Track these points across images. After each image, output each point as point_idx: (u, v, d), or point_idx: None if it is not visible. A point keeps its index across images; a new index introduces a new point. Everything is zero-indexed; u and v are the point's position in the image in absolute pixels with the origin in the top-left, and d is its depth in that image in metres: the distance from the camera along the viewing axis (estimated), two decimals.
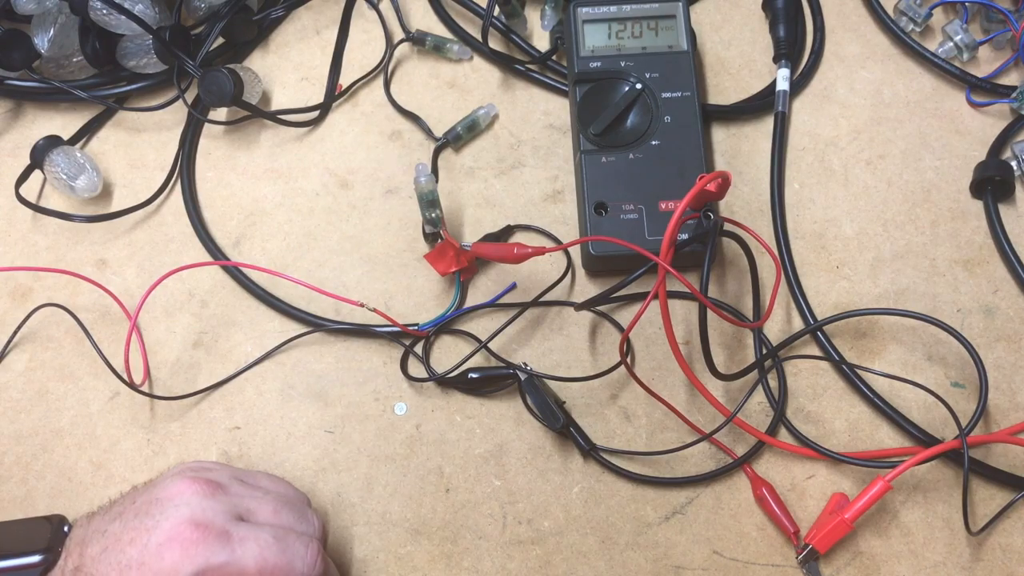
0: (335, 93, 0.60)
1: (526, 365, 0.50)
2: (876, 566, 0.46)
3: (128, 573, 0.37)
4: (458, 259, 0.51)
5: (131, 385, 0.49)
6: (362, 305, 0.50)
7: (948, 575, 0.45)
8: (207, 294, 0.54)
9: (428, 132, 0.57)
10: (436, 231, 0.52)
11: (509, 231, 0.54)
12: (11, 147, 0.59)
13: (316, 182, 0.57)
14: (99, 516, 0.40)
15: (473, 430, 0.49)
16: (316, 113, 0.59)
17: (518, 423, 0.49)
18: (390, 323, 0.50)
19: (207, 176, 0.58)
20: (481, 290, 0.53)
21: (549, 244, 0.54)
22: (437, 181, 0.55)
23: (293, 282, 0.51)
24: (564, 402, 0.50)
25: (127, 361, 0.49)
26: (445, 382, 0.50)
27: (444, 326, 0.52)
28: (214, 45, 0.58)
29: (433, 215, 0.51)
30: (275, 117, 0.58)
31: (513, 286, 0.53)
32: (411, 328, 0.51)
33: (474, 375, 0.49)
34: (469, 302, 0.53)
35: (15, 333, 0.52)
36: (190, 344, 0.52)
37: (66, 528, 0.42)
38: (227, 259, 0.54)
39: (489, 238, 0.54)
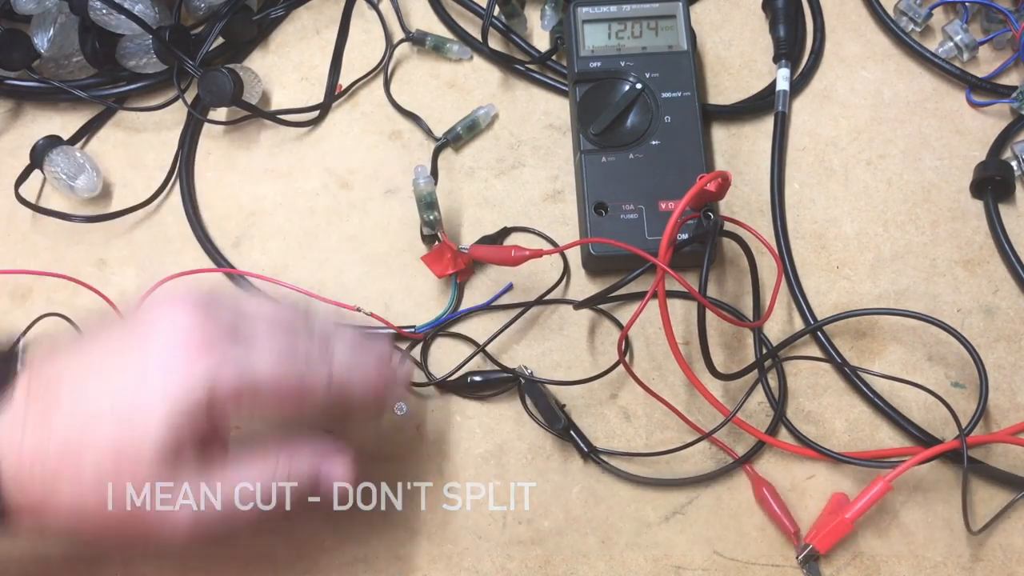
0: (335, 93, 0.60)
1: (526, 368, 0.50)
2: (876, 566, 0.46)
3: (126, 393, 0.34)
4: (455, 261, 0.51)
5: None
6: (358, 309, 0.50)
7: (948, 575, 0.45)
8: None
9: (428, 132, 0.57)
10: (434, 233, 0.52)
11: (505, 233, 0.54)
12: (11, 147, 0.59)
13: (316, 182, 0.57)
14: (65, 350, 0.37)
15: (473, 430, 0.49)
16: (316, 113, 0.59)
17: (518, 423, 0.49)
18: (386, 326, 0.50)
19: (207, 176, 0.58)
20: (479, 291, 0.53)
21: (546, 246, 0.54)
22: (436, 182, 0.55)
23: (288, 288, 0.51)
24: (564, 405, 0.49)
25: None
26: (445, 386, 0.50)
27: (442, 328, 0.52)
28: (214, 45, 0.58)
29: (431, 217, 0.51)
30: (275, 117, 0.58)
31: (510, 287, 0.53)
32: (407, 331, 0.51)
33: (475, 379, 0.49)
34: (467, 303, 0.53)
35: (16, 342, 0.52)
36: None
37: (18, 364, 0.37)
38: (225, 259, 0.54)
39: (486, 240, 0.54)
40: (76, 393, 0.35)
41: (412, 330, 0.51)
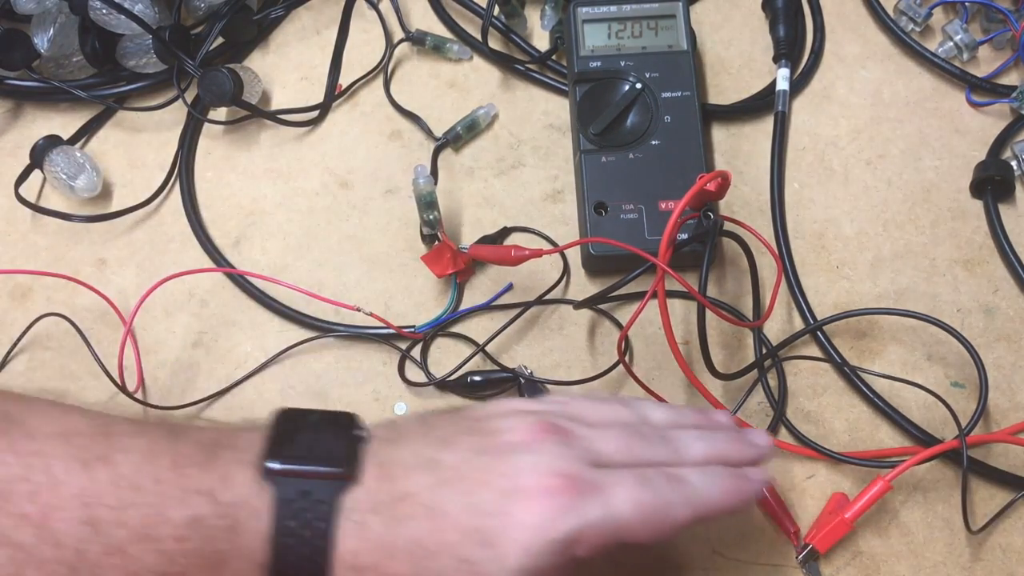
0: (335, 93, 0.60)
1: (526, 368, 0.50)
2: (876, 566, 0.46)
3: (485, 520, 0.32)
4: (455, 261, 0.51)
5: (127, 393, 0.49)
6: (358, 309, 0.50)
7: (948, 575, 0.45)
8: (207, 294, 0.53)
9: (428, 132, 0.57)
10: (434, 232, 0.52)
11: (505, 233, 0.54)
12: (11, 147, 0.59)
13: (316, 182, 0.57)
14: (412, 437, 0.34)
15: None
16: (316, 113, 0.59)
17: None
18: (386, 326, 0.50)
19: (206, 176, 0.58)
20: (479, 291, 0.53)
21: (546, 246, 0.54)
22: (436, 182, 0.55)
23: (289, 287, 0.51)
24: None
25: (121, 368, 0.49)
26: (444, 386, 0.50)
27: (442, 328, 0.52)
28: (214, 45, 0.58)
29: (431, 217, 0.51)
30: (275, 117, 0.58)
31: (509, 287, 0.53)
32: (407, 331, 0.51)
33: (475, 379, 0.49)
34: (467, 303, 0.53)
35: (16, 342, 0.52)
36: (190, 344, 0.52)
37: (363, 433, 0.34)
38: (225, 259, 0.54)
39: (486, 240, 0.54)
40: (431, 491, 0.33)
41: (412, 330, 0.51)
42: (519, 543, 0.32)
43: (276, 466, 0.32)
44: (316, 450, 0.33)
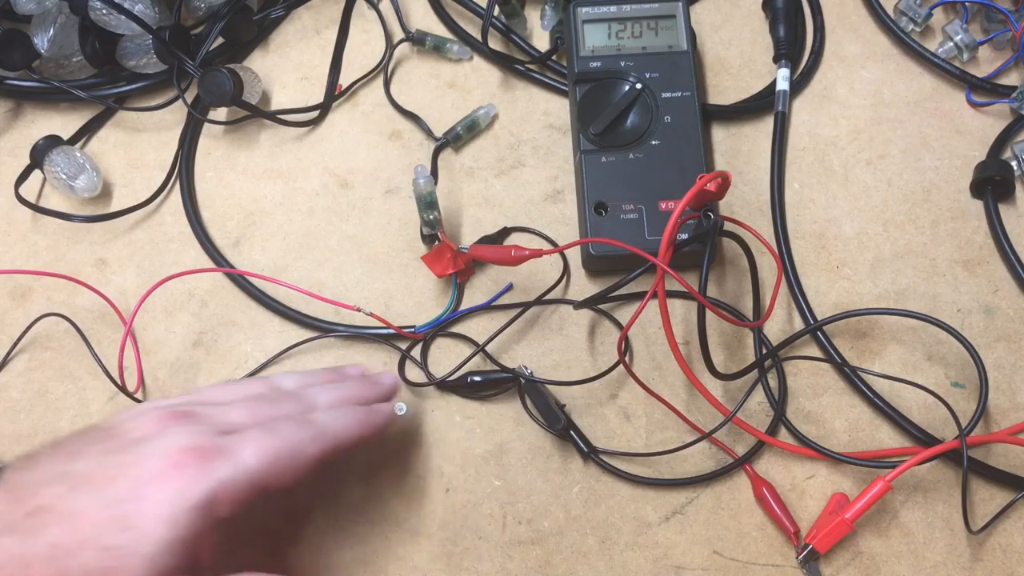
0: (335, 93, 0.60)
1: (526, 368, 0.50)
2: (876, 566, 0.46)
3: (119, 508, 0.34)
4: (455, 261, 0.51)
5: (127, 393, 0.49)
6: (358, 310, 0.50)
7: (948, 575, 0.45)
8: (207, 294, 0.54)
9: (428, 132, 0.57)
10: (434, 232, 0.52)
11: (505, 233, 0.54)
12: (11, 147, 0.59)
13: (316, 182, 0.57)
14: (44, 458, 0.36)
15: (473, 430, 0.49)
16: (316, 113, 0.59)
17: (518, 423, 0.49)
18: (386, 326, 0.50)
19: (207, 176, 0.58)
20: (479, 291, 0.53)
21: (546, 246, 0.54)
22: (436, 182, 0.55)
23: (289, 288, 0.51)
24: (564, 405, 0.49)
25: (120, 368, 0.49)
26: (444, 386, 0.50)
27: (442, 328, 0.52)
28: (214, 45, 0.58)
29: (431, 217, 0.51)
30: (275, 117, 0.58)
31: (510, 287, 0.53)
32: (407, 331, 0.51)
33: (475, 379, 0.49)
34: (467, 303, 0.53)
35: (17, 342, 0.52)
36: (190, 344, 0.52)
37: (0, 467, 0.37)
38: (225, 259, 0.54)
39: (485, 240, 0.54)
40: (63, 498, 0.34)
41: (412, 330, 0.51)
42: (157, 517, 0.34)
43: None
44: None
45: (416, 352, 0.51)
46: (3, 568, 0.33)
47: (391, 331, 0.50)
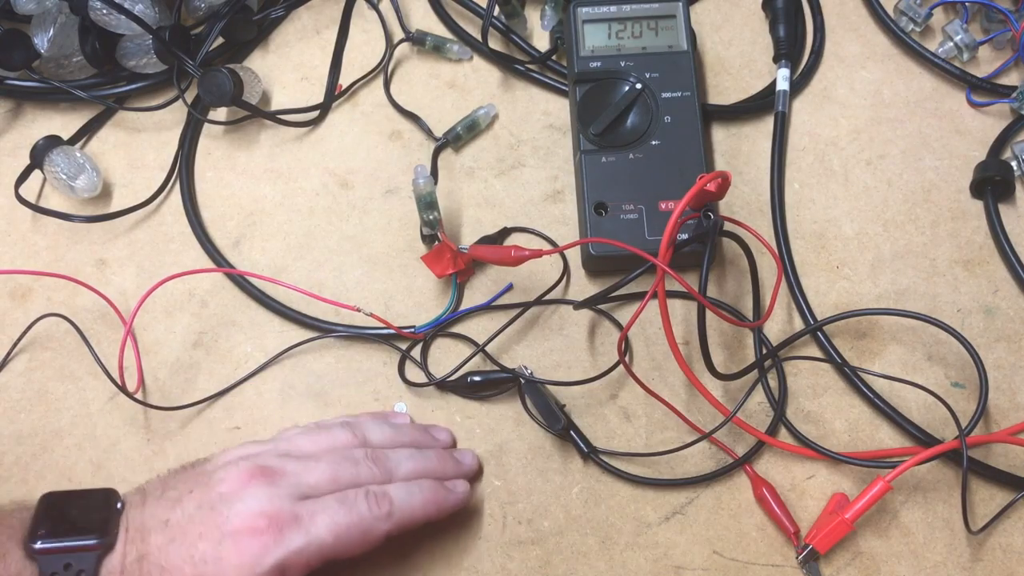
0: (335, 93, 0.60)
1: (526, 368, 0.50)
2: (876, 566, 0.46)
3: (203, 568, 0.37)
4: (455, 261, 0.51)
5: (127, 393, 0.49)
6: (358, 310, 0.50)
7: (948, 575, 0.45)
8: (207, 294, 0.54)
9: (428, 132, 0.57)
10: (434, 233, 0.52)
11: (505, 233, 0.54)
12: (11, 147, 0.59)
13: (316, 182, 0.57)
14: (153, 500, 0.40)
15: (473, 430, 0.49)
16: (316, 113, 0.59)
17: (518, 423, 0.49)
18: (385, 326, 0.50)
19: (207, 176, 0.58)
20: (479, 291, 0.53)
21: (545, 246, 0.54)
22: (436, 182, 0.55)
23: (289, 288, 0.51)
24: (564, 405, 0.49)
25: (121, 368, 0.49)
26: (444, 386, 0.50)
27: (442, 328, 0.52)
28: (214, 45, 0.58)
29: (431, 217, 0.51)
30: (275, 117, 0.58)
31: (509, 287, 0.53)
32: (407, 331, 0.51)
33: (475, 379, 0.49)
34: (467, 303, 0.53)
35: (17, 342, 0.52)
36: (190, 344, 0.52)
37: (119, 505, 0.40)
38: (225, 259, 0.54)
39: (485, 240, 0.54)
40: (163, 550, 0.38)
41: (412, 330, 0.51)
42: None
43: (38, 545, 0.37)
44: (76, 526, 0.38)
45: (416, 352, 0.51)
46: None
47: (391, 331, 0.50)
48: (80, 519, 0.39)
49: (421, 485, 0.43)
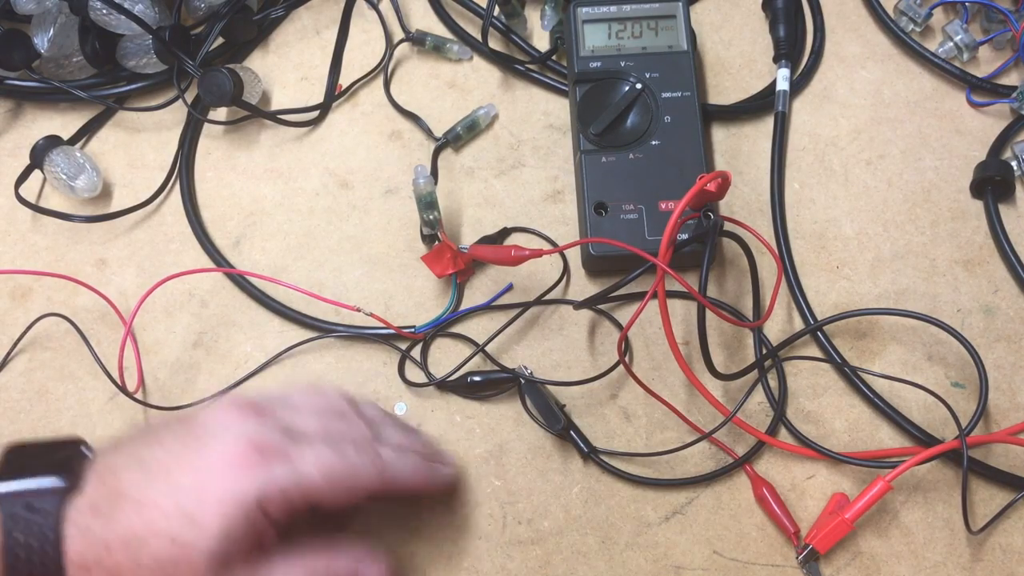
0: (335, 93, 0.60)
1: (526, 368, 0.50)
2: (876, 566, 0.46)
3: (183, 499, 0.36)
4: (455, 261, 0.51)
5: (127, 393, 0.49)
6: (358, 310, 0.50)
7: (948, 575, 0.45)
8: (207, 294, 0.54)
9: (428, 132, 0.57)
10: (434, 232, 0.52)
11: (505, 233, 0.54)
12: (11, 147, 0.59)
13: (316, 182, 0.57)
14: (128, 444, 0.38)
15: (473, 430, 0.49)
16: (316, 113, 0.59)
17: (518, 423, 0.49)
18: (385, 326, 0.50)
19: (207, 176, 0.58)
20: (479, 291, 0.53)
21: (546, 246, 0.54)
22: (436, 182, 0.55)
23: (289, 288, 0.51)
24: (564, 405, 0.49)
25: (121, 368, 0.49)
26: (444, 386, 0.50)
27: (442, 328, 0.52)
28: (214, 45, 0.58)
29: (431, 217, 0.51)
30: (275, 117, 0.58)
31: (510, 287, 0.53)
32: (407, 331, 0.51)
33: (475, 379, 0.49)
34: (467, 303, 0.53)
35: (17, 342, 0.52)
36: (190, 344, 0.52)
37: (88, 451, 0.39)
38: (225, 259, 0.54)
39: (486, 240, 0.54)
40: (140, 486, 0.36)
41: (412, 330, 0.51)
42: (216, 512, 0.36)
43: (1, 488, 0.36)
44: (38, 469, 0.37)
45: (416, 352, 0.51)
46: (91, 549, 0.35)
47: (391, 331, 0.50)
48: (43, 462, 0.37)
49: (408, 453, 0.43)
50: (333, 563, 0.40)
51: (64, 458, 0.38)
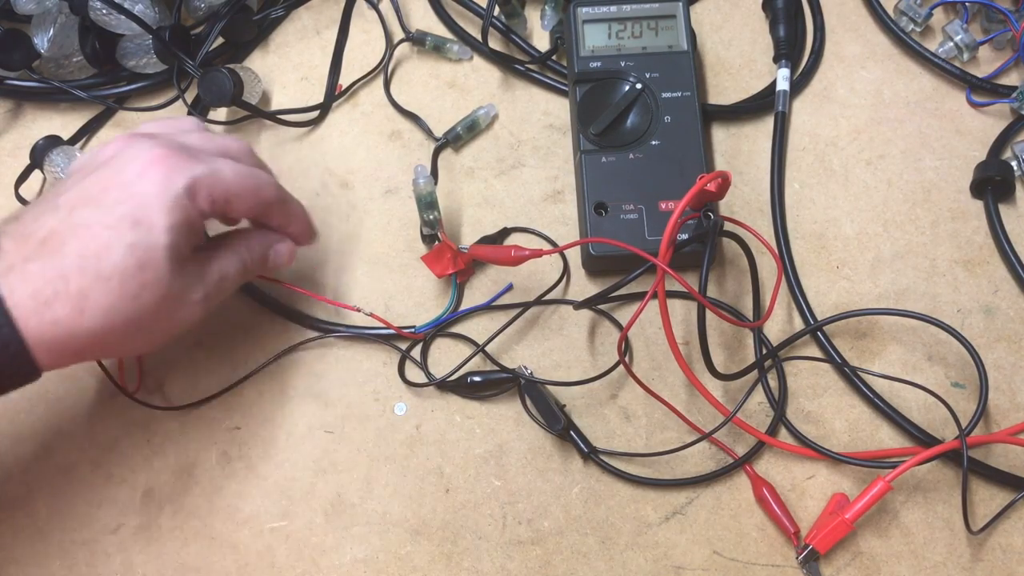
0: (335, 93, 0.60)
1: (526, 368, 0.50)
2: (876, 566, 0.46)
3: (123, 208, 0.37)
4: (455, 261, 0.51)
5: (127, 393, 0.49)
6: (358, 310, 0.50)
7: (948, 575, 0.45)
8: None
9: (428, 132, 0.57)
10: (434, 233, 0.52)
11: (505, 233, 0.54)
12: (11, 147, 0.59)
13: (316, 182, 0.57)
14: (28, 209, 0.39)
15: (473, 430, 0.49)
16: (316, 113, 0.59)
17: (518, 423, 0.49)
18: (385, 326, 0.50)
19: None
20: (479, 291, 0.53)
21: (546, 246, 0.54)
22: (436, 182, 0.55)
23: (289, 288, 0.51)
24: (564, 405, 0.49)
25: (121, 368, 0.49)
26: (444, 386, 0.50)
27: (442, 328, 0.52)
28: (214, 45, 0.58)
29: (431, 217, 0.51)
30: (275, 117, 0.58)
31: (509, 287, 0.52)
32: (407, 331, 0.51)
33: (475, 379, 0.49)
34: (467, 303, 0.53)
35: None
36: (190, 344, 0.52)
37: None
38: None
39: (486, 240, 0.54)
40: (70, 221, 0.37)
41: (412, 330, 0.51)
42: (159, 208, 0.38)
43: None
44: None
45: (416, 352, 0.51)
46: (45, 286, 0.36)
47: (391, 331, 0.50)
48: None
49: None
50: (251, 245, 0.45)
51: None
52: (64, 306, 0.37)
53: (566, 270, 0.53)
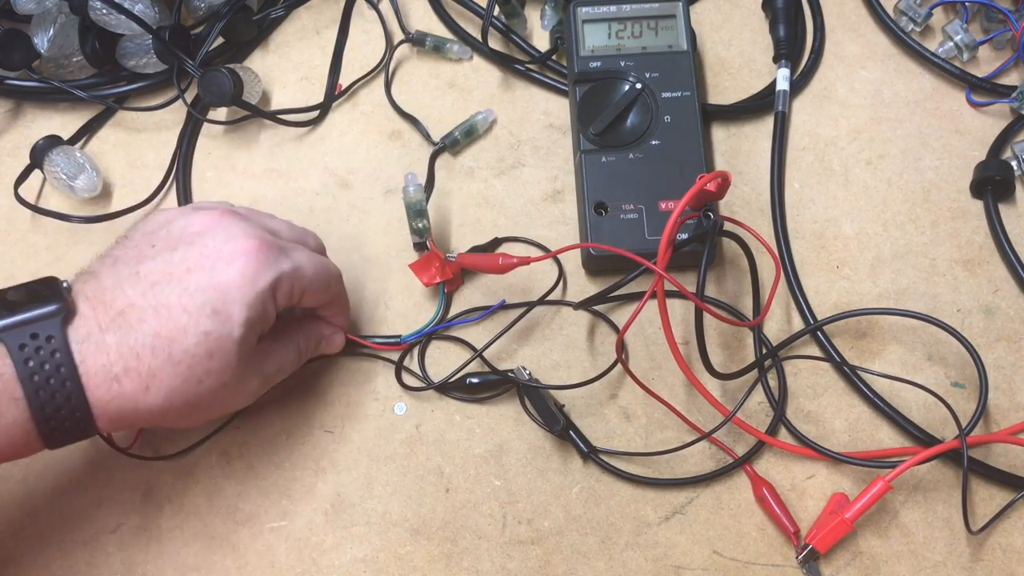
0: (335, 93, 0.60)
1: (524, 369, 0.50)
2: (876, 566, 0.46)
3: (205, 295, 0.38)
4: (443, 270, 0.51)
5: None
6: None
7: (948, 575, 0.45)
8: None
9: (426, 136, 0.57)
10: (423, 241, 0.52)
11: (496, 243, 0.54)
12: (11, 147, 0.59)
13: (316, 182, 0.57)
14: (107, 269, 0.39)
15: (473, 430, 0.49)
16: (316, 113, 0.59)
17: (518, 423, 0.49)
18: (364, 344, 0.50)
19: (207, 176, 0.58)
20: (474, 297, 0.53)
21: (537, 253, 0.54)
22: (433, 188, 0.55)
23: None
24: (563, 405, 0.49)
25: None
26: (443, 388, 0.50)
27: (438, 332, 0.51)
28: (214, 45, 0.58)
29: (420, 225, 0.51)
30: (275, 117, 0.58)
31: (503, 303, 0.52)
32: (391, 343, 0.50)
33: (474, 380, 0.49)
34: (460, 308, 0.52)
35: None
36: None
37: (64, 283, 0.40)
38: None
39: (476, 250, 0.53)
40: (150, 295, 0.38)
41: (397, 341, 0.50)
42: (238, 300, 0.39)
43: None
44: (29, 304, 0.37)
45: (415, 353, 0.51)
46: (118, 361, 0.37)
47: (377, 343, 0.50)
48: (27, 298, 0.38)
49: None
50: (308, 335, 0.47)
51: (47, 292, 0.38)
52: (132, 382, 0.37)
53: (561, 274, 0.53)
